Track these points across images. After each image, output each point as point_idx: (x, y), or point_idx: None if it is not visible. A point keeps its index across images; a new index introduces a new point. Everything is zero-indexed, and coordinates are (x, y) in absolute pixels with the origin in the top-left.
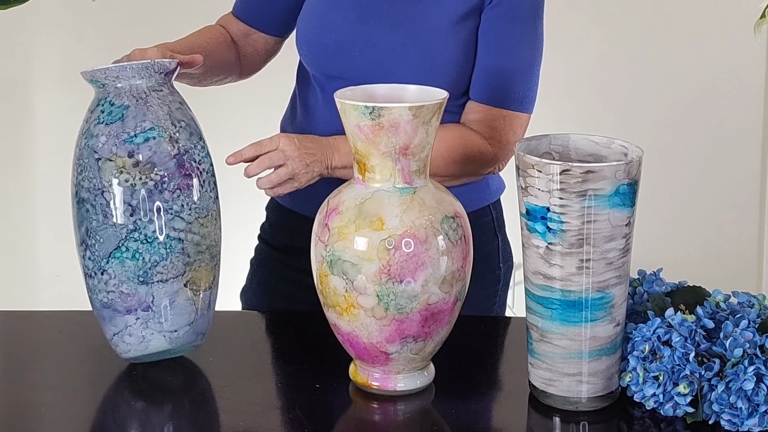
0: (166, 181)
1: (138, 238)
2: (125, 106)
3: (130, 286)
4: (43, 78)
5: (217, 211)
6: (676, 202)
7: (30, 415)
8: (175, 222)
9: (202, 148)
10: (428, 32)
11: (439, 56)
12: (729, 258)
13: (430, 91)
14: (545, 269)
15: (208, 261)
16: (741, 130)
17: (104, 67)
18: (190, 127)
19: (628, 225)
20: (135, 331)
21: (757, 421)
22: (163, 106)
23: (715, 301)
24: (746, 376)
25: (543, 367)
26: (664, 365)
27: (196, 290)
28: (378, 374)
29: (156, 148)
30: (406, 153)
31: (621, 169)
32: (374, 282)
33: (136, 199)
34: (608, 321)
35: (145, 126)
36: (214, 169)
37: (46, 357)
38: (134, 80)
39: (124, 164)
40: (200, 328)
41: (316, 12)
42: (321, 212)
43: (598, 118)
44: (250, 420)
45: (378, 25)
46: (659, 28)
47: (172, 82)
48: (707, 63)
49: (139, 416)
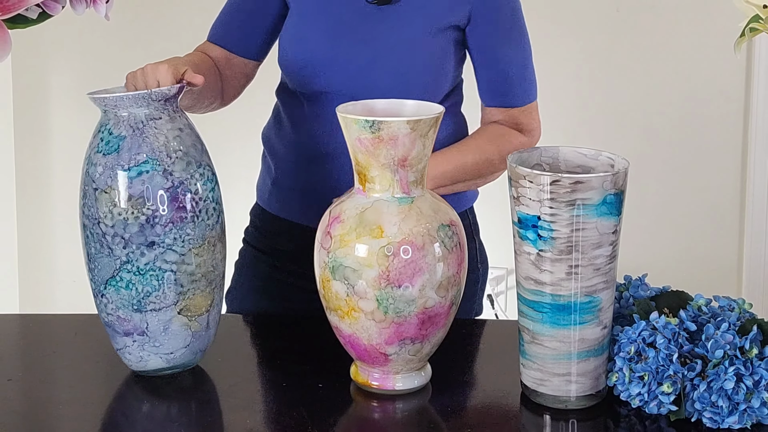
0: (158, 215)
1: (131, 270)
2: (122, 136)
3: (126, 312)
4: (59, 92)
5: (216, 236)
6: (660, 211)
7: (47, 412)
8: (167, 255)
9: (201, 175)
10: (399, 47)
11: (411, 69)
12: (710, 264)
13: (428, 106)
14: (536, 275)
15: (204, 287)
16: (722, 143)
17: (104, 95)
18: (189, 155)
19: (614, 233)
20: (133, 351)
21: (737, 419)
22: (159, 137)
23: (697, 305)
24: (727, 376)
25: (534, 368)
26: (649, 366)
27: (191, 316)
28: (377, 374)
29: (149, 182)
30: (405, 164)
31: (608, 179)
32: (374, 287)
33: (128, 233)
34: (596, 324)
35: (139, 159)
36: (216, 194)
37: (62, 357)
38: (132, 109)
39: (117, 198)
40: (198, 347)
41: (295, 32)
42: (324, 221)
43: (586, 131)
44: (256, 419)
45: (352, 42)
46: (644, 46)
47: (176, 106)
48: (690, 79)
49: (149, 414)
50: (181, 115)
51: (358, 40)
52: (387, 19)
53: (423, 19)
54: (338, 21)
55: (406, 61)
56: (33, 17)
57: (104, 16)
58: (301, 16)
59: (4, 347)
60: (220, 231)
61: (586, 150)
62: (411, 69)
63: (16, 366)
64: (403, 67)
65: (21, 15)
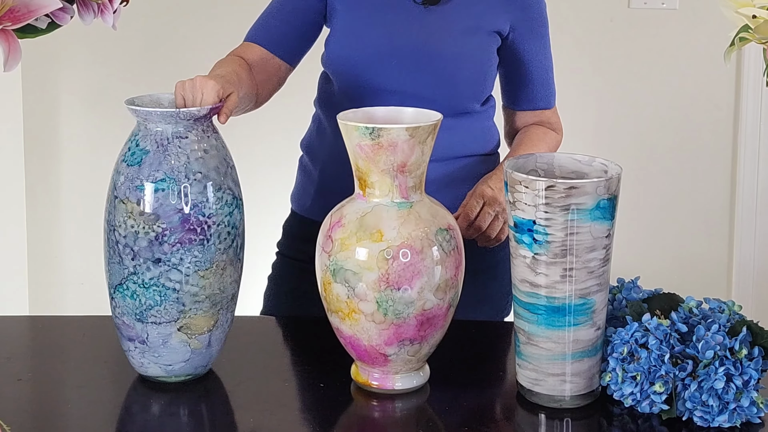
0: (167, 234)
1: (136, 281)
2: (146, 150)
3: (129, 319)
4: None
5: (228, 260)
6: (652, 216)
7: (56, 411)
8: (172, 273)
9: (219, 199)
10: (446, 46)
11: (456, 68)
12: (701, 267)
13: (426, 113)
14: (531, 277)
15: (207, 309)
16: (712, 150)
17: (137, 106)
18: (208, 178)
19: (608, 236)
20: (135, 356)
21: (727, 418)
22: (181, 156)
23: (688, 307)
24: (717, 376)
25: (529, 368)
26: (641, 366)
27: (191, 334)
28: (377, 374)
29: (163, 200)
30: (404, 170)
31: (601, 185)
32: (374, 289)
33: (138, 246)
34: (590, 325)
35: (157, 176)
36: (234, 218)
37: (70, 358)
38: (161, 125)
39: (132, 210)
40: (198, 363)
41: (346, 31)
42: (325, 225)
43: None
44: (260, 416)
45: (401, 41)
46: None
47: (206, 125)
48: (682, 87)
49: (156, 412)
50: (211, 135)
51: (406, 39)
52: (433, 19)
53: (467, 20)
54: (387, 21)
55: (452, 59)
56: (42, 27)
57: (111, 25)
58: (350, 14)
59: (14, 348)
60: (233, 255)
61: (581, 156)
62: (457, 68)
63: (26, 366)
64: (450, 66)
65: (31, 25)
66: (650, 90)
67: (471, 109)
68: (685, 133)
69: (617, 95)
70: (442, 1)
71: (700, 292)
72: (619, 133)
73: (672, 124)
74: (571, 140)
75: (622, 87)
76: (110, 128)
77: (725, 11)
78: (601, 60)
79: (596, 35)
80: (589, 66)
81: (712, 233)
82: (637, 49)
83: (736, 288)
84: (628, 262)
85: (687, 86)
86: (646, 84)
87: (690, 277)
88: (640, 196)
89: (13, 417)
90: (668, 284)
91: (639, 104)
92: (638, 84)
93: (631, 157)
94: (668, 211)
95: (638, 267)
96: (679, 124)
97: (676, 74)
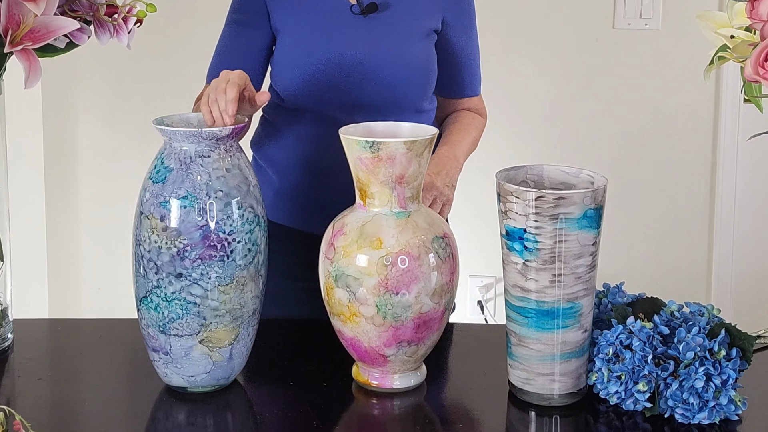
0: (189, 249)
1: (159, 295)
2: (170, 169)
3: (154, 331)
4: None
5: (248, 276)
6: (636, 224)
7: (75, 409)
8: (193, 288)
9: (240, 217)
10: (391, 52)
11: (403, 72)
12: (682, 273)
13: (422, 128)
14: (522, 283)
15: (228, 322)
16: (693, 162)
17: (163, 126)
18: (229, 196)
19: (594, 244)
20: (159, 366)
21: (707, 415)
22: (203, 175)
23: (670, 311)
24: (697, 376)
25: (520, 368)
26: (626, 366)
27: (212, 347)
28: (377, 374)
29: (185, 217)
30: (402, 182)
31: (588, 195)
32: (374, 294)
33: (161, 261)
34: (577, 328)
35: (179, 194)
36: (255, 235)
37: (88, 359)
38: (184, 144)
39: (156, 226)
40: (220, 375)
41: (290, 53)
42: (327, 233)
43: (568, 150)
44: (267, 413)
45: (346, 54)
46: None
47: (229, 145)
48: (664, 103)
49: (167, 409)
50: (234, 155)
51: (351, 49)
52: (374, 27)
53: (406, 24)
54: (331, 33)
55: (397, 65)
56: (61, 47)
57: (126, 45)
58: (294, 31)
59: (35, 349)
60: (253, 271)
61: (569, 168)
62: (403, 73)
63: (45, 366)
64: (396, 72)
65: (50, 44)
66: (634, 105)
67: (421, 108)
68: (668, 145)
69: (604, 110)
70: (381, 8)
71: (681, 296)
72: (605, 145)
73: (655, 137)
74: (559, 152)
75: (608, 102)
76: (124, 142)
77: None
78: (588, 77)
79: (583, 55)
80: (577, 83)
81: (692, 241)
82: (621, 67)
83: (715, 292)
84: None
85: (669, 101)
86: (631, 100)
87: (671, 282)
88: (625, 205)
89: (33, 413)
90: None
91: (624, 118)
92: (623, 100)
93: (616, 169)
94: (651, 219)
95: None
96: (661, 137)
97: (659, 90)
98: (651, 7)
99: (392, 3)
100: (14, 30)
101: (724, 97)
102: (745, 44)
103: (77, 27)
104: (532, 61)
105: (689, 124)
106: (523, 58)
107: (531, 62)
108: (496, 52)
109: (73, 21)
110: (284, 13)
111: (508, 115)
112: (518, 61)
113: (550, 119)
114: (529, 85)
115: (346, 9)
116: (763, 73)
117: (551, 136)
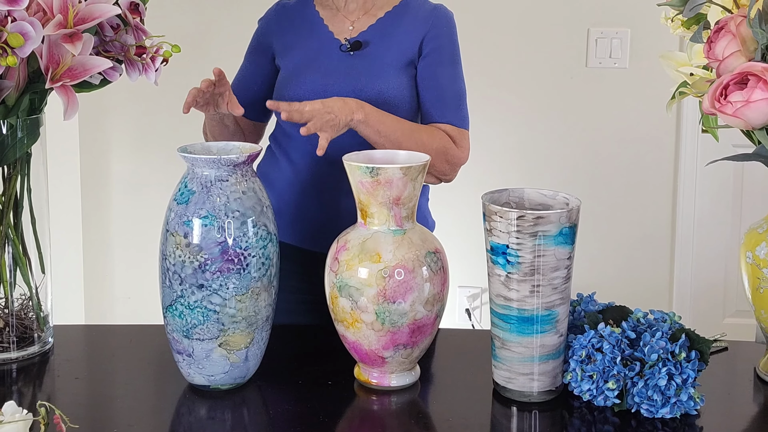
0: (209, 263)
1: (183, 303)
2: (193, 191)
3: (178, 335)
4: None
5: (262, 287)
6: (606, 241)
7: (107, 405)
8: (213, 297)
9: (255, 234)
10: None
11: (389, 100)
12: (647, 283)
13: (417, 155)
14: (505, 293)
15: (244, 328)
16: (656, 185)
17: (186, 153)
18: (245, 216)
19: (569, 258)
20: (183, 367)
21: (669, 410)
22: (222, 197)
23: (636, 317)
24: (660, 375)
25: (503, 368)
26: (597, 367)
27: (230, 350)
28: (376, 374)
29: (206, 234)
30: (398, 203)
31: (564, 215)
32: (373, 302)
33: (184, 273)
34: (554, 333)
35: (201, 214)
36: (268, 250)
37: (119, 361)
38: (205, 170)
39: (180, 242)
40: (237, 375)
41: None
42: (332, 249)
43: (547, 175)
44: (279, 409)
45: (338, 87)
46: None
47: (245, 170)
48: (631, 132)
49: (190, 404)
50: (249, 179)
51: (337, 82)
52: (358, 63)
53: (389, 58)
54: (321, 67)
55: (381, 96)
56: (96, 83)
57: (153, 82)
58: (291, 64)
59: (72, 352)
60: (267, 282)
61: (546, 191)
62: (385, 103)
63: (82, 367)
64: (379, 103)
65: (86, 81)
66: (604, 135)
67: None
68: (634, 170)
69: (577, 139)
70: (363, 46)
71: (646, 304)
72: (578, 171)
73: (623, 163)
74: (538, 177)
75: (580, 132)
76: (152, 167)
77: (667, 70)
78: (564, 110)
79: (560, 90)
80: (554, 115)
81: (656, 255)
82: (593, 101)
83: (676, 301)
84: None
85: (635, 132)
86: (601, 130)
87: (638, 292)
88: (597, 224)
89: (71, 409)
90: (619, 298)
91: (596, 146)
92: (594, 130)
93: (589, 191)
94: (620, 236)
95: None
96: (629, 163)
97: (626, 122)
98: (620, 48)
99: (372, 40)
100: (54, 68)
101: (684, 128)
102: (703, 81)
103: (110, 66)
104: (514, 96)
105: (654, 151)
106: (506, 93)
107: (513, 97)
108: (482, 88)
109: (107, 60)
110: (284, 50)
111: (493, 143)
112: (502, 95)
113: (531, 147)
114: (511, 117)
115: (336, 48)
116: (719, 106)
117: (531, 162)
